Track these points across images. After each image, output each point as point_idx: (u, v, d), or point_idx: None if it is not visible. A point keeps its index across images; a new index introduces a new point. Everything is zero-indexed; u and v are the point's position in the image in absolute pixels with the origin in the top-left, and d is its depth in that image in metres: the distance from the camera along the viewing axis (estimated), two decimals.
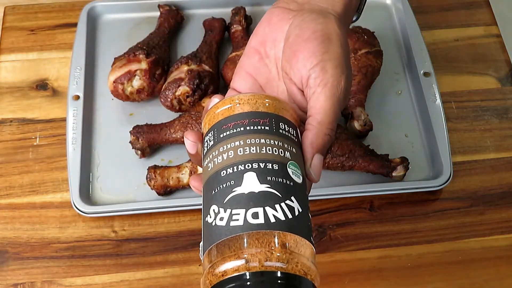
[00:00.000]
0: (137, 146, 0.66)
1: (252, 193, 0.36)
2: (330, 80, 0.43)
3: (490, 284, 0.62)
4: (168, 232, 0.64)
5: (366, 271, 0.62)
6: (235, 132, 0.39)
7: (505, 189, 0.68)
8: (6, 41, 0.77)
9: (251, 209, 0.36)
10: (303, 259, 0.36)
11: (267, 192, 0.36)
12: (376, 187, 0.65)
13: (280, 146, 0.39)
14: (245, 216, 0.36)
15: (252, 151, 0.38)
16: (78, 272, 0.61)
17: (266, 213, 0.36)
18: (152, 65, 0.68)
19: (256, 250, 0.35)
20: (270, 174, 0.37)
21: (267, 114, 0.40)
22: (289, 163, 0.39)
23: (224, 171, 0.38)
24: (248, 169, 0.37)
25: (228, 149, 0.39)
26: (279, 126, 0.40)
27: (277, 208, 0.36)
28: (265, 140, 0.39)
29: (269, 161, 0.38)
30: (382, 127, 0.70)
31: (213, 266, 0.36)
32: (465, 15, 0.81)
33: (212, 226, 0.37)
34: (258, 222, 0.35)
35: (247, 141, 0.39)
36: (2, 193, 0.66)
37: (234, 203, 0.36)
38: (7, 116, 0.71)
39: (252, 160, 0.38)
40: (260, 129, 0.39)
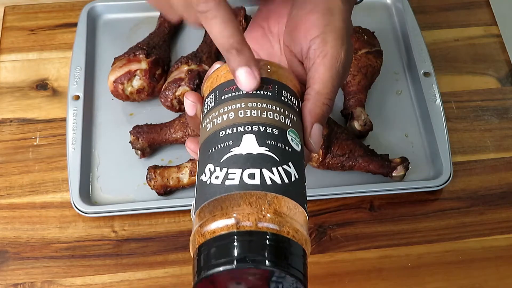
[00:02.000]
0: (137, 146, 0.66)
1: (250, 154, 0.36)
2: (330, 51, 0.43)
3: (490, 284, 0.62)
4: (168, 232, 0.64)
5: (366, 271, 0.62)
6: (236, 95, 0.39)
7: (505, 189, 0.68)
8: (6, 41, 0.77)
9: (248, 170, 0.36)
10: (295, 224, 0.35)
11: (265, 155, 0.36)
12: (376, 187, 0.65)
13: (281, 112, 0.39)
14: (241, 176, 0.35)
15: (253, 114, 0.38)
16: (78, 272, 0.61)
17: (262, 175, 0.35)
18: (152, 65, 0.68)
19: (249, 210, 0.34)
20: (269, 138, 0.37)
21: (270, 80, 0.40)
22: (289, 130, 0.39)
23: (223, 131, 0.38)
24: (248, 131, 0.37)
25: (228, 110, 0.39)
26: (282, 94, 0.40)
27: (274, 171, 0.36)
28: (267, 105, 0.39)
29: (269, 125, 0.38)
30: (382, 127, 0.70)
31: (202, 224, 0.35)
32: (465, 15, 0.81)
33: (206, 184, 0.36)
34: (254, 182, 0.35)
35: (249, 104, 0.39)
36: (2, 193, 0.66)
37: (231, 163, 0.36)
38: (7, 116, 0.71)
39: (252, 123, 0.38)
40: (262, 94, 0.39)
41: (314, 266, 0.62)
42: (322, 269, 0.62)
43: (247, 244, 0.33)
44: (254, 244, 0.33)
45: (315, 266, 0.62)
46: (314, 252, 0.63)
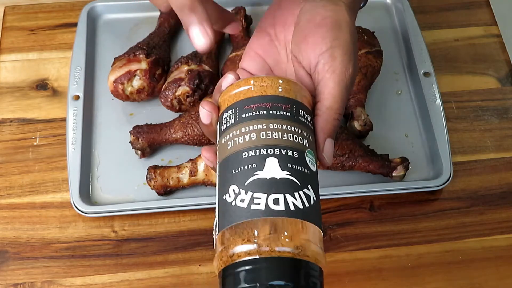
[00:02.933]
0: (137, 146, 0.66)
1: (274, 179, 0.37)
2: (338, 67, 0.44)
3: (490, 284, 0.62)
4: (168, 232, 0.64)
5: (366, 271, 0.62)
6: (257, 115, 0.40)
7: (505, 189, 0.68)
8: (6, 41, 0.77)
9: (273, 195, 0.36)
10: (314, 247, 0.36)
11: (288, 180, 0.37)
12: (376, 187, 0.65)
13: (299, 133, 0.40)
14: (266, 201, 0.36)
15: (274, 136, 0.39)
16: (78, 272, 0.61)
17: (286, 201, 0.36)
18: (152, 65, 0.68)
19: (274, 236, 0.35)
20: (291, 162, 0.38)
21: (288, 99, 0.41)
22: (307, 151, 0.40)
23: (246, 152, 0.39)
24: (270, 154, 0.38)
25: (250, 131, 0.39)
26: (299, 113, 0.41)
27: (296, 196, 0.37)
28: (287, 126, 0.40)
29: (289, 148, 0.39)
30: (382, 127, 0.70)
31: (227, 246, 0.36)
32: (465, 15, 0.81)
33: (231, 205, 0.37)
34: (278, 208, 0.36)
35: (270, 125, 0.39)
36: (2, 193, 0.66)
37: (256, 187, 0.37)
38: (7, 116, 0.71)
39: (274, 146, 0.38)
40: (282, 115, 0.40)
41: None
42: None
43: (270, 270, 0.35)
44: (277, 269, 0.35)
45: None
46: None
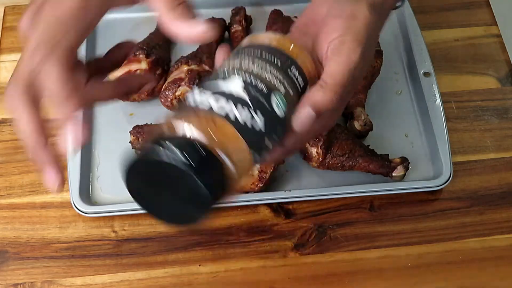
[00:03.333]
0: (137, 146, 0.66)
1: (231, 92, 0.40)
2: (345, 50, 0.44)
3: (490, 284, 0.62)
4: (168, 232, 0.64)
5: (366, 271, 0.62)
6: (254, 54, 0.43)
7: (505, 189, 0.68)
8: (6, 41, 0.77)
9: (223, 100, 0.39)
10: (234, 156, 0.38)
11: (242, 99, 0.40)
12: (376, 187, 0.65)
13: (279, 78, 0.42)
14: (216, 102, 0.39)
15: (251, 67, 0.42)
16: (78, 272, 0.61)
17: (232, 110, 0.39)
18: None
19: (206, 126, 0.38)
20: (255, 90, 0.41)
21: (288, 56, 0.44)
22: (277, 93, 0.41)
23: (223, 70, 0.43)
24: (239, 76, 0.41)
25: (239, 60, 0.43)
26: (290, 68, 0.43)
27: (241, 112, 0.39)
28: (270, 68, 0.42)
29: (261, 80, 0.41)
30: (382, 127, 0.70)
31: (172, 118, 0.39)
32: (465, 15, 0.81)
33: (191, 95, 0.41)
34: (224, 112, 0.39)
35: (255, 60, 0.43)
36: (2, 193, 0.66)
37: (217, 91, 0.40)
38: (7, 116, 0.71)
39: (247, 72, 0.41)
40: (271, 61, 0.43)
41: (314, 266, 0.62)
42: (322, 269, 0.62)
43: (178, 143, 0.36)
44: (184, 148, 0.36)
45: (315, 266, 0.62)
46: (314, 252, 0.63)
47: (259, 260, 0.62)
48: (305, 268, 0.62)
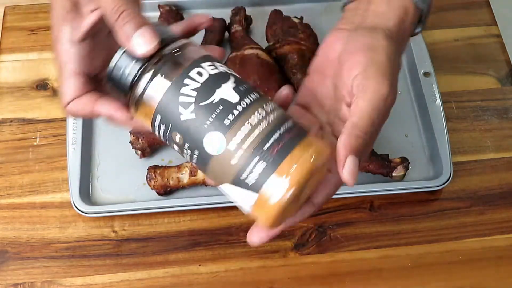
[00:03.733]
0: (137, 146, 0.66)
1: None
2: (371, 85, 0.42)
3: (490, 284, 0.62)
4: (168, 232, 0.64)
5: (366, 271, 0.62)
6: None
7: (505, 189, 0.68)
8: (6, 41, 0.77)
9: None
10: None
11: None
12: (376, 187, 0.65)
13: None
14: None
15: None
16: (78, 272, 0.62)
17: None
18: None
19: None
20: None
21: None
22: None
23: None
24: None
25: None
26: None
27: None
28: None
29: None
30: (382, 127, 0.70)
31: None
32: (465, 15, 0.81)
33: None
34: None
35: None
36: (2, 193, 0.66)
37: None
38: (7, 116, 0.71)
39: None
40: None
41: (314, 266, 0.62)
42: (322, 269, 0.62)
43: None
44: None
45: (315, 266, 0.62)
46: (314, 252, 0.63)
47: (259, 260, 0.62)
48: (305, 268, 0.62)
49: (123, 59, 0.41)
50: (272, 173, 0.39)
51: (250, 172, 0.39)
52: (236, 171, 0.40)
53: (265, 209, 0.40)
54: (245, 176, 0.40)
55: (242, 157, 0.39)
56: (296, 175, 0.39)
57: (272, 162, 0.39)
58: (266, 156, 0.39)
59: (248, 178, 0.40)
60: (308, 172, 0.39)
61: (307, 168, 0.39)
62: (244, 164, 0.39)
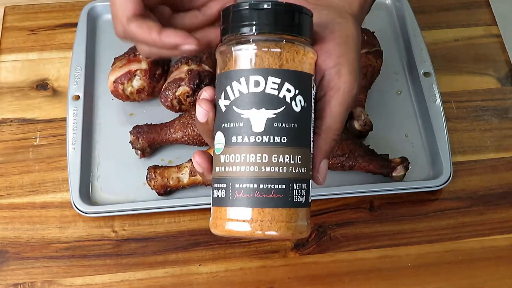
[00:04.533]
0: (137, 146, 0.66)
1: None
2: (342, 86, 0.44)
3: (490, 284, 0.62)
4: (168, 232, 0.64)
5: (366, 271, 0.62)
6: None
7: (505, 189, 0.68)
8: (6, 41, 0.77)
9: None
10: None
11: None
12: (376, 187, 0.65)
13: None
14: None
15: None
16: (78, 272, 0.62)
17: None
18: (152, 65, 0.68)
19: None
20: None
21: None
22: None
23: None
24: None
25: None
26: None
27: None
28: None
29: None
30: (382, 127, 0.70)
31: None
32: (465, 15, 0.81)
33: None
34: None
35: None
36: (2, 193, 0.66)
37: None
38: (7, 116, 0.71)
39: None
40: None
41: (314, 266, 0.62)
42: (322, 269, 0.62)
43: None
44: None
45: (315, 266, 0.62)
46: (314, 252, 0.63)
47: (259, 260, 0.62)
48: (305, 268, 0.62)
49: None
50: (248, 208, 0.40)
51: (234, 185, 0.41)
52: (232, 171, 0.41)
53: (216, 224, 0.42)
54: (226, 183, 0.41)
55: (242, 168, 0.40)
56: (262, 229, 0.40)
57: (251, 200, 0.40)
58: (255, 191, 0.40)
59: (229, 188, 0.41)
60: (268, 236, 0.41)
61: (278, 233, 0.41)
62: (238, 176, 0.40)
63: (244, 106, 0.41)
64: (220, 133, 0.42)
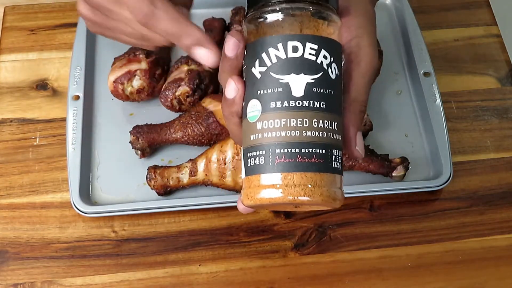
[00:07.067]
0: (137, 146, 0.66)
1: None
2: (364, 58, 0.44)
3: (490, 284, 0.62)
4: (168, 232, 0.64)
5: (366, 271, 0.62)
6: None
7: (505, 189, 0.68)
8: (6, 41, 0.77)
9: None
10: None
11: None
12: (376, 187, 0.65)
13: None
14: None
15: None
16: (78, 272, 0.62)
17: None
18: (152, 65, 0.68)
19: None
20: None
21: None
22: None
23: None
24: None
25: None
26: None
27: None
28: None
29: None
30: (382, 127, 0.70)
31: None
32: (465, 15, 0.81)
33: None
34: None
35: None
36: (2, 193, 0.66)
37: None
38: (7, 116, 0.71)
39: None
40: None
41: (314, 266, 0.62)
42: (322, 269, 0.62)
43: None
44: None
45: (315, 266, 0.62)
46: (314, 252, 0.63)
47: (259, 260, 0.62)
48: (305, 268, 0.62)
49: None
50: (291, 173, 0.40)
51: (270, 151, 0.40)
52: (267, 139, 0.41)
53: (253, 193, 0.41)
54: (261, 151, 0.41)
55: (280, 132, 0.40)
56: (293, 194, 0.40)
57: (291, 164, 0.40)
58: (297, 155, 0.40)
59: (263, 155, 0.41)
60: (308, 202, 0.40)
61: (310, 198, 0.40)
62: (279, 141, 0.40)
63: (283, 71, 0.41)
64: (255, 100, 0.42)
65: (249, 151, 0.42)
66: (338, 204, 0.42)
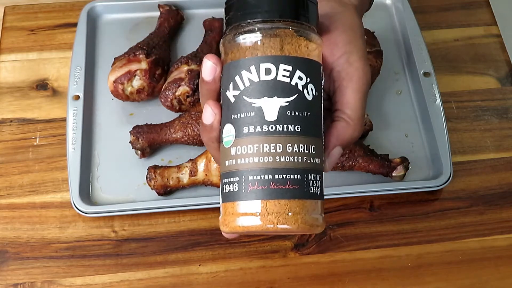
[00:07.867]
0: (137, 146, 0.66)
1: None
2: (355, 73, 0.43)
3: (490, 284, 0.62)
4: (168, 232, 0.64)
5: (366, 271, 0.62)
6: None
7: (505, 189, 0.68)
8: (6, 41, 0.77)
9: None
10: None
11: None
12: (376, 187, 0.65)
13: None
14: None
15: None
16: (78, 272, 0.62)
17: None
18: (152, 65, 0.68)
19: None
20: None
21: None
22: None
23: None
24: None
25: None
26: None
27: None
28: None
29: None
30: (382, 127, 0.70)
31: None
32: (465, 15, 0.81)
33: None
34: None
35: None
36: (2, 193, 0.66)
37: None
38: (7, 116, 0.71)
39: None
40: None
41: (314, 266, 0.62)
42: (322, 269, 0.62)
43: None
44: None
45: (315, 266, 0.62)
46: (314, 252, 0.63)
47: (259, 260, 0.62)
48: (305, 268, 0.62)
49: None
50: (264, 200, 0.39)
51: (246, 178, 0.39)
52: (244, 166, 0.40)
53: (228, 220, 0.41)
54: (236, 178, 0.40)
55: (254, 158, 0.39)
56: (272, 222, 0.39)
57: (265, 192, 0.39)
58: (270, 182, 0.39)
59: (240, 183, 0.39)
60: (286, 230, 0.39)
61: (289, 226, 0.39)
62: (251, 167, 0.39)
63: (256, 95, 0.40)
64: (229, 125, 0.40)
65: (224, 177, 0.41)
66: (319, 230, 0.41)
